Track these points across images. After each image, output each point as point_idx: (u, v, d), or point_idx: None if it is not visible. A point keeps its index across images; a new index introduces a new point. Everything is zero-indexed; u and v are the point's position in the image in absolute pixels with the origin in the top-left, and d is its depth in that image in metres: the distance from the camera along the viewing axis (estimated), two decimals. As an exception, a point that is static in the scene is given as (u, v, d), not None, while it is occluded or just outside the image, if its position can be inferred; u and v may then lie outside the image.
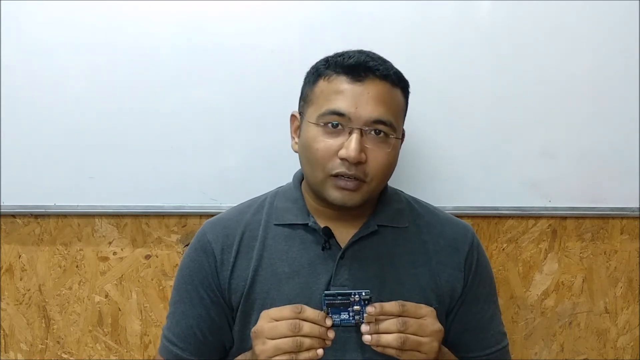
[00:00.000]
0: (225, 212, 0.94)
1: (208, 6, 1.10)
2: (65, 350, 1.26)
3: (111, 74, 1.12)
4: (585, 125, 1.17)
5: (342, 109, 0.77)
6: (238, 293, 0.85)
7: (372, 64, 0.79)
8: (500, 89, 1.15)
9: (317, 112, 0.80)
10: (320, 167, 0.79)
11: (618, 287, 1.27)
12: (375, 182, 0.80)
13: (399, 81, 0.82)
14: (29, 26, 1.11)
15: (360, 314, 0.74)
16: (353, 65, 0.79)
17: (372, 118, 0.78)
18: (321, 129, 0.79)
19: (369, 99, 0.78)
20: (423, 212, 0.93)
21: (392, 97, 0.81)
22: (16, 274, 1.23)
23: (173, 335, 0.87)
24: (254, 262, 0.85)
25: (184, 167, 1.16)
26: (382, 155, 0.79)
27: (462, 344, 0.89)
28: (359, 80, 0.78)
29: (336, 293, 0.74)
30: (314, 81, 0.83)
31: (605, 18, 1.13)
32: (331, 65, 0.81)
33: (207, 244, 0.87)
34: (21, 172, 1.15)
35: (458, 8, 1.12)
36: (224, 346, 0.89)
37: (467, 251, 0.89)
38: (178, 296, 0.89)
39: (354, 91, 0.78)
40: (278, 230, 0.87)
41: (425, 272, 0.86)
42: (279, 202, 0.90)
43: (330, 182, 0.79)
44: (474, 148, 1.17)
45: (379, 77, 0.79)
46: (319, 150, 0.79)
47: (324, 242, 0.84)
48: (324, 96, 0.80)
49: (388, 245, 0.87)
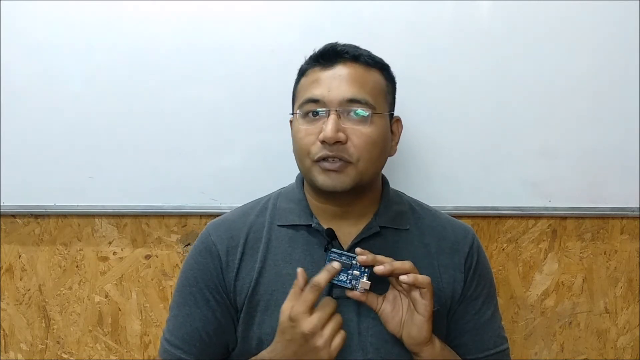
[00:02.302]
0: (228, 214, 0.93)
1: (208, 6, 1.11)
2: (65, 350, 1.26)
3: (111, 74, 1.12)
4: (585, 125, 1.17)
5: (316, 95, 0.80)
6: (243, 294, 0.85)
7: (340, 48, 0.82)
8: (500, 89, 1.15)
9: (298, 104, 0.84)
10: (304, 154, 0.81)
11: (618, 287, 1.27)
12: (362, 162, 0.80)
13: (374, 63, 0.84)
14: (29, 26, 1.11)
15: (357, 280, 0.77)
16: (323, 52, 0.83)
17: (346, 98, 0.79)
18: (303, 119, 0.82)
19: (340, 80, 0.80)
20: (424, 214, 0.93)
21: (366, 77, 0.82)
22: (16, 274, 1.24)
23: (176, 338, 0.86)
24: (258, 263, 0.85)
25: (184, 167, 1.16)
26: (363, 133, 0.80)
27: (460, 345, 0.89)
28: (330, 65, 0.81)
29: (341, 253, 0.78)
30: (297, 81, 0.87)
31: (605, 18, 1.13)
32: (307, 62, 0.86)
33: (212, 245, 0.87)
34: (21, 172, 1.16)
35: (458, 8, 1.12)
36: (227, 348, 0.89)
37: (467, 252, 0.89)
38: (181, 299, 0.88)
39: (326, 77, 0.81)
40: (282, 231, 0.87)
41: (427, 275, 0.84)
42: (282, 203, 0.90)
43: (316, 168, 0.80)
44: (474, 148, 1.17)
45: (350, 60, 0.82)
46: (302, 138, 0.81)
47: (326, 243, 0.84)
48: (302, 89, 0.84)
49: (390, 248, 0.87)
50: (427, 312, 0.76)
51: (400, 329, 0.79)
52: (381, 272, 0.75)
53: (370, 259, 0.76)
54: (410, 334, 0.78)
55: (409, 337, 0.78)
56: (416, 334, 0.77)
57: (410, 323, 0.78)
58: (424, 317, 0.76)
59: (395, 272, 0.76)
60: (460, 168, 1.17)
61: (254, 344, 0.84)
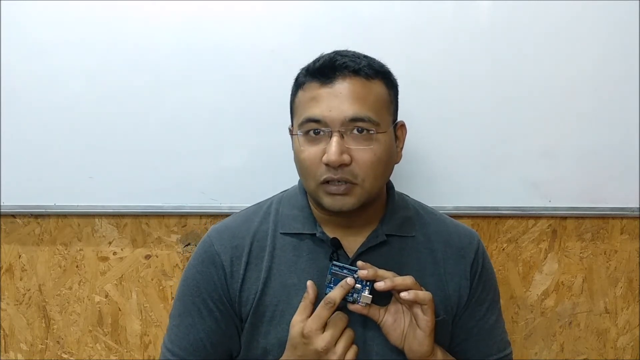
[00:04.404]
0: (230, 220, 0.91)
1: (208, 6, 1.10)
2: (65, 350, 1.26)
3: (111, 74, 1.12)
4: (585, 125, 1.17)
5: (317, 115, 0.77)
6: (248, 305, 0.83)
7: (339, 62, 0.78)
8: (500, 89, 1.15)
9: (297, 122, 0.80)
10: (310, 176, 0.79)
11: (618, 287, 1.27)
12: (368, 181, 0.78)
13: (374, 73, 0.79)
14: (29, 26, 1.11)
15: (359, 293, 0.77)
16: (321, 68, 0.79)
17: (348, 117, 0.76)
18: (304, 138, 0.79)
19: (341, 99, 0.76)
20: (430, 219, 0.91)
21: (367, 91, 0.78)
22: (16, 274, 1.24)
23: (179, 348, 0.85)
24: (263, 273, 0.84)
25: (184, 167, 1.16)
26: (367, 153, 0.77)
27: (464, 350, 0.88)
28: (329, 82, 0.77)
29: (342, 266, 0.78)
30: (294, 93, 0.83)
31: (605, 18, 1.13)
32: (304, 73, 0.82)
33: (215, 255, 0.85)
34: (21, 172, 1.16)
35: (457, 8, 1.12)
36: (231, 356, 0.88)
37: (472, 258, 0.89)
38: (184, 308, 0.86)
39: (326, 94, 0.77)
40: (286, 240, 0.85)
41: (434, 282, 0.85)
42: (285, 209, 0.88)
43: (322, 190, 0.79)
44: (474, 148, 1.16)
45: (350, 74, 0.77)
46: (305, 159, 0.79)
47: (332, 253, 0.83)
48: (301, 106, 0.80)
49: (396, 255, 0.85)
50: (428, 328, 0.76)
51: (402, 341, 0.79)
52: (382, 289, 0.75)
53: (372, 275, 0.75)
54: (411, 347, 0.78)
55: (411, 351, 0.78)
56: (417, 348, 0.77)
57: (411, 337, 0.78)
58: (425, 333, 0.76)
59: (397, 288, 0.76)
60: (460, 168, 1.17)
61: (258, 353, 0.83)
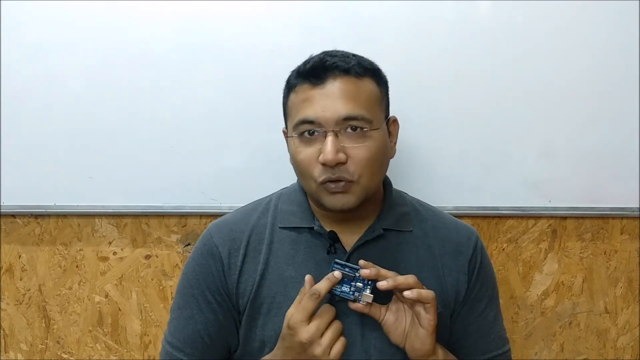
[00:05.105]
0: (230, 215, 0.93)
1: (208, 6, 1.11)
2: (65, 350, 1.26)
3: (111, 74, 1.12)
4: (585, 125, 1.17)
5: (311, 116, 0.77)
6: (245, 297, 0.84)
7: (329, 63, 0.79)
8: (500, 89, 1.15)
9: (292, 125, 0.81)
10: (309, 177, 0.80)
11: (618, 287, 1.27)
12: (365, 178, 0.79)
13: (364, 71, 0.80)
14: (29, 26, 1.11)
15: (360, 292, 0.76)
16: (311, 69, 0.79)
17: (341, 116, 0.77)
18: (299, 140, 0.80)
19: (333, 99, 0.77)
20: (428, 215, 0.92)
21: (358, 90, 0.79)
22: (16, 274, 1.24)
23: (178, 341, 0.86)
24: (260, 265, 0.85)
25: (184, 167, 1.16)
26: (362, 150, 0.78)
27: (463, 347, 0.89)
28: (320, 83, 0.78)
29: (344, 264, 0.77)
30: (286, 95, 0.84)
31: (605, 18, 1.13)
32: (295, 76, 0.82)
33: (213, 247, 0.86)
34: (21, 172, 1.16)
35: (458, 8, 1.12)
36: (229, 349, 0.89)
37: (471, 254, 0.89)
38: (183, 301, 0.87)
39: (318, 95, 0.78)
40: (284, 233, 0.87)
41: (431, 276, 0.85)
42: (284, 204, 0.89)
43: (322, 190, 0.79)
44: (474, 148, 1.16)
45: (340, 74, 0.78)
46: (303, 161, 0.79)
47: (329, 246, 0.83)
48: (295, 108, 0.81)
49: (393, 250, 0.86)
50: (430, 327, 0.76)
51: (404, 339, 0.78)
52: (384, 288, 0.75)
53: (374, 274, 0.75)
54: (413, 346, 0.77)
55: (412, 350, 0.78)
56: (419, 347, 0.77)
57: (413, 336, 0.77)
58: (427, 331, 0.76)
59: (399, 287, 0.76)
60: (460, 168, 1.17)
61: (256, 345, 0.84)
